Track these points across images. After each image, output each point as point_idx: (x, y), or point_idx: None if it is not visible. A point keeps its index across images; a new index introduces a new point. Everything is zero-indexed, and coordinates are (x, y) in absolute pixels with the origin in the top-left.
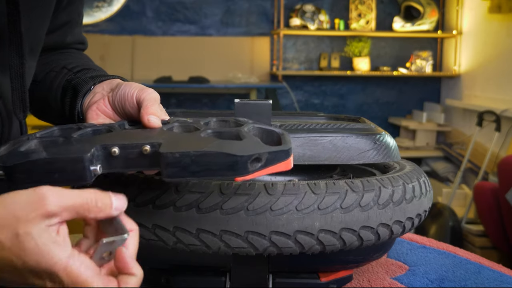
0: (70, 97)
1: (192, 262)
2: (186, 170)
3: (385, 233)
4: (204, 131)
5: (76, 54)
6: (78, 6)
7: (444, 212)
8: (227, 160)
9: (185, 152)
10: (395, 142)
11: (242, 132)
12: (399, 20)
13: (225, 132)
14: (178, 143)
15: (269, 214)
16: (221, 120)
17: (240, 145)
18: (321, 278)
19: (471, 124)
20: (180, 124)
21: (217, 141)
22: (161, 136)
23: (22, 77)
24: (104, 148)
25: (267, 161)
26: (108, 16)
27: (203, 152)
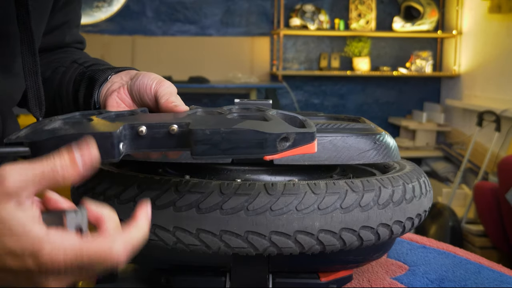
0: (86, 87)
1: (192, 262)
2: (216, 147)
3: (385, 233)
4: (230, 114)
5: (79, 52)
6: (75, 7)
7: (444, 212)
8: (256, 138)
9: (216, 129)
10: (395, 142)
11: (267, 115)
12: (399, 20)
13: (251, 115)
14: (207, 121)
15: (269, 214)
16: (243, 108)
17: (268, 125)
18: (321, 278)
19: (471, 124)
20: (204, 110)
21: (246, 121)
22: (188, 118)
23: (36, 75)
24: (131, 127)
25: (294, 141)
26: (108, 16)
27: (234, 130)
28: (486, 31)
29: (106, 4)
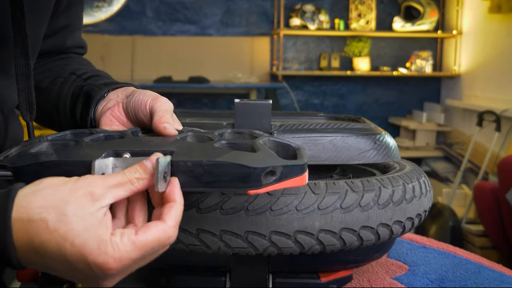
0: (82, 103)
1: (192, 262)
2: (198, 180)
3: (385, 233)
4: (219, 142)
5: (79, 60)
6: (77, 10)
7: (444, 212)
8: (240, 172)
9: (198, 161)
10: (395, 142)
11: (257, 144)
12: (399, 20)
13: (240, 143)
14: (191, 152)
15: (269, 214)
16: (236, 132)
17: (254, 157)
18: (321, 278)
19: (471, 124)
20: (194, 134)
21: (231, 152)
22: (174, 145)
23: (29, 78)
24: (115, 154)
25: (281, 175)
26: (108, 16)
27: (216, 163)
28: (486, 31)
29: (106, 4)
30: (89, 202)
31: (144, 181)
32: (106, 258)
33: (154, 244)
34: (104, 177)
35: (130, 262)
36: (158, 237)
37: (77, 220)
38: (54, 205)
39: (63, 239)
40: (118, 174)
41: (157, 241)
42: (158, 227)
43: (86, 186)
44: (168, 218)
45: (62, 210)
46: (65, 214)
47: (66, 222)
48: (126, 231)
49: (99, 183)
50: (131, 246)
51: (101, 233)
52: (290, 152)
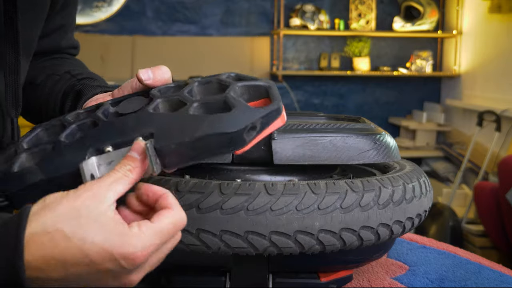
0: (72, 101)
1: (192, 262)
2: (185, 157)
3: (385, 233)
4: (191, 106)
5: (73, 60)
6: (71, 11)
7: (444, 212)
8: (223, 139)
9: (180, 142)
10: (395, 142)
11: (229, 98)
12: (399, 20)
13: (212, 102)
14: (170, 130)
15: (269, 214)
16: (203, 83)
17: (231, 118)
18: (321, 278)
19: (471, 124)
20: (164, 99)
21: (208, 118)
22: (150, 123)
23: (17, 74)
24: (97, 150)
25: (261, 125)
26: (108, 16)
27: (197, 137)
28: (486, 31)
29: (106, 4)
30: (96, 204)
31: (137, 170)
32: (131, 248)
33: (170, 227)
34: (100, 180)
35: (154, 249)
36: (173, 221)
37: (92, 222)
38: (65, 213)
39: (83, 242)
40: (111, 173)
41: (173, 225)
42: (169, 213)
43: (88, 191)
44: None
45: (74, 216)
46: (77, 219)
47: (81, 225)
48: (142, 222)
49: (98, 185)
50: (150, 233)
51: (119, 228)
52: (262, 91)
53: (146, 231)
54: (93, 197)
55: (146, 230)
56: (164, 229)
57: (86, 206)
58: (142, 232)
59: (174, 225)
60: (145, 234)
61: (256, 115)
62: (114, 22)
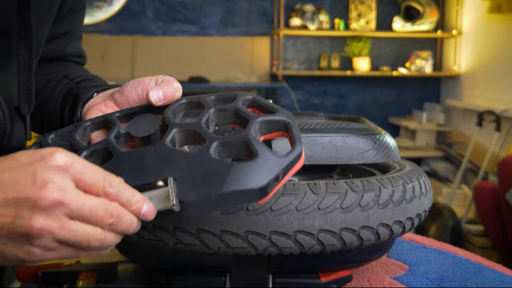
0: (70, 105)
1: (192, 262)
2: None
3: (385, 233)
4: (211, 145)
5: (76, 67)
6: (78, 18)
7: (444, 212)
8: (248, 194)
9: (206, 196)
10: (395, 142)
11: (251, 140)
12: (399, 20)
13: (233, 142)
14: (193, 178)
15: (269, 214)
16: (219, 110)
17: (257, 170)
18: (321, 278)
19: (471, 124)
20: (180, 130)
21: (232, 169)
22: (169, 164)
23: (30, 71)
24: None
25: (283, 174)
26: (108, 16)
27: (223, 193)
28: (486, 31)
29: (106, 4)
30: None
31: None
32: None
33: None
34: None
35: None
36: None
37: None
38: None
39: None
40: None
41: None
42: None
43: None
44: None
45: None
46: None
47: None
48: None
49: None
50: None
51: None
52: (281, 125)
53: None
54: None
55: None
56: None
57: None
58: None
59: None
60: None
61: (280, 166)
62: (114, 22)
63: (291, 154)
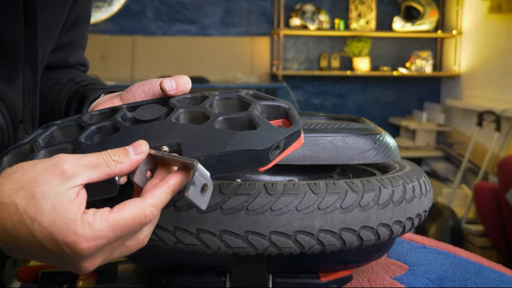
0: (77, 104)
1: (192, 262)
2: (212, 169)
3: (385, 233)
4: (215, 119)
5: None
6: (82, 29)
7: (444, 212)
8: (250, 155)
9: (210, 154)
10: (395, 142)
11: (253, 117)
12: (399, 20)
13: (237, 118)
14: (197, 141)
15: (269, 214)
16: (223, 98)
17: (258, 136)
18: (321, 278)
19: (471, 124)
20: (185, 110)
21: (236, 135)
22: (175, 133)
23: (35, 93)
24: None
25: (284, 145)
26: (108, 16)
27: (227, 152)
28: (486, 31)
29: (106, 4)
30: (59, 181)
31: (122, 166)
32: (76, 237)
33: (128, 222)
34: (79, 156)
35: (104, 242)
36: (134, 214)
37: (46, 200)
38: (23, 186)
39: (32, 220)
40: (93, 155)
41: (132, 220)
42: (134, 205)
43: (57, 165)
44: (148, 196)
45: (31, 191)
46: (33, 195)
47: (35, 203)
48: (100, 210)
49: (71, 161)
50: (103, 224)
51: (71, 212)
52: (281, 112)
53: (99, 221)
54: (60, 174)
55: (99, 221)
56: (121, 223)
57: (48, 182)
58: (95, 221)
59: (134, 219)
60: (97, 224)
61: (281, 135)
62: (114, 22)
63: (291, 129)
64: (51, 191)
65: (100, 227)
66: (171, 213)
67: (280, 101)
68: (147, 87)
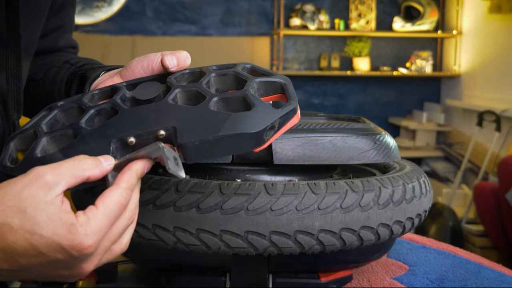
0: (77, 86)
1: (192, 262)
2: (206, 153)
3: (385, 233)
4: (210, 100)
5: (72, 54)
6: (69, 12)
7: (444, 212)
8: (244, 138)
9: (204, 139)
10: (395, 142)
11: (248, 96)
12: (399, 20)
13: (232, 98)
14: (192, 125)
15: (269, 214)
16: (220, 75)
17: (253, 117)
18: (321, 278)
19: (471, 124)
20: (182, 90)
21: (230, 117)
22: (171, 115)
23: (19, 79)
24: (120, 140)
25: (279, 125)
26: (108, 16)
27: (221, 136)
28: (486, 31)
29: (106, 4)
30: (43, 192)
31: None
32: (80, 237)
33: (115, 207)
34: (55, 165)
35: (104, 233)
36: (116, 199)
37: (39, 213)
38: (10, 205)
39: (31, 234)
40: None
41: (117, 204)
42: (112, 192)
43: (38, 178)
44: (121, 181)
45: (19, 208)
46: (24, 211)
47: (29, 219)
48: (87, 209)
49: (50, 172)
50: (97, 218)
51: (67, 218)
52: (278, 87)
53: (92, 218)
54: (43, 185)
55: (92, 217)
56: (110, 209)
57: (33, 195)
58: (89, 220)
59: (119, 204)
60: (92, 220)
61: (275, 116)
62: (114, 22)
63: (286, 107)
64: (40, 203)
65: (96, 220)
66: (171, 213)
67: (276, 76)
68: (145, 62)
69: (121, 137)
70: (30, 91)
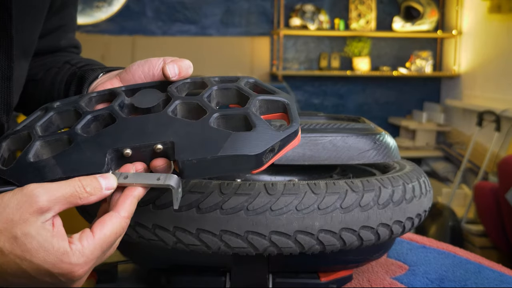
0: (76, 86)
1: (192, 262)
2: (203, 171)
3: (385, 233)
4: (211, 116)
5: (73, 54)
6: (71, 11)
7: (444, 212)
8: (243, 160)
9: (202, 158)
10: (395, 142)
11: (250, 114)
12: (399, 20)
13: (233, 115)
14: (190, 142)
15: (269, 214)
16: (222, 88)
17: (253, 139)
18: (321, 278)
19: (471, 124)
20: (183, 102)
21: (230, 137)
22: (170, 129)
23: (9, 80)
24: (116, 151)
25: (279, 147)
26: (108, 16)
27: (220, 157)
28: (486, 31)
29: (106, 4)
30: (34, 218)
31: (92, 198)
32: (72, 267)
33: (112, 238)
34: (51, 187)
35: (94, 261)
36: (114, 229)
37: (30, 240)
38: (1, 229)
39: (21, 260)
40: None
41: (114, 234)
42: (112, 220)
43: (31, 202)
44: (121, 209)
45: (10, 233)
46: (15, 236)
47: (19, 245)
48: (84, 234)
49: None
50: (92, 247)
51: (59, 246)
52: (280, 106)
53: (87, 246)
54: (36, 211)
55: (87, 245)
56: (106, 239)
57: (25, 220)
58: (84, 248)
59: (116, 234)
60: (86, 249)
61: (276, 138)
62: (115, 22)
63: (288, 130)
64: (31, 230)
65: (91, 250)
66: (171, 213)
67: (280, 94)
68: (146, 67)
69: (117, 148)
70: (30, 91)
